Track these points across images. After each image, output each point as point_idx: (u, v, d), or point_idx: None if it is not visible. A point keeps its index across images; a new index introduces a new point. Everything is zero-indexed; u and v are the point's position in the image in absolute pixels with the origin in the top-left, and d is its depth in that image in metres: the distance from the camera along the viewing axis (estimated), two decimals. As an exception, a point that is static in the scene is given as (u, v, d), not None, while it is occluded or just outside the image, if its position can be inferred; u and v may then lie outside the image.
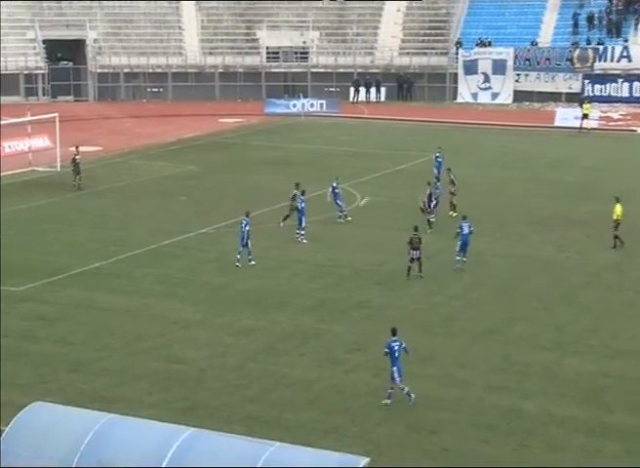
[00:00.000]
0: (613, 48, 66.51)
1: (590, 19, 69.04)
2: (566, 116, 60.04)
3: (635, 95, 65.59)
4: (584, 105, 59.28)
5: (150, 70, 70.63)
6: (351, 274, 29.44)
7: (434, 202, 34.43)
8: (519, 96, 68.38)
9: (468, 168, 44.39)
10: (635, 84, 65.52)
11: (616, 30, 68.12)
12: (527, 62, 68.17)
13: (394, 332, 20.50)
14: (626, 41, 67.27)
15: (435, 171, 40.63)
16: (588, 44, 67.25)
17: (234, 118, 62.45)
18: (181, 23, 74.42)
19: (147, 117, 61.76)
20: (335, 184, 35.54)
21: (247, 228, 30.02)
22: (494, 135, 57.18)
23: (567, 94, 66.74)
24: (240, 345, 23.66)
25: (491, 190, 41.22)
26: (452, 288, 28.16)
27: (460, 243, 29.73)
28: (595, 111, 60.80)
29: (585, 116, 58.52)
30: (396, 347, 20.22)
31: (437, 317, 25.64)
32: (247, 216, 30.39)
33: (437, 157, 41.60)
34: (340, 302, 26.75)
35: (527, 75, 68.30)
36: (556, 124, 59.62)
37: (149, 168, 45.89)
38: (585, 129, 57.42)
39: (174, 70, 71.09)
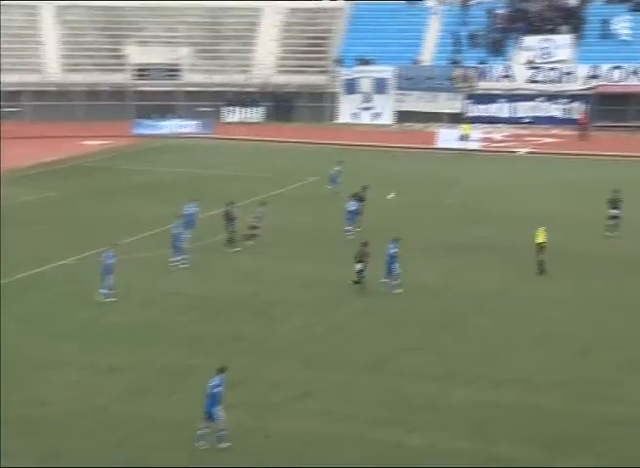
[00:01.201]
0: (495, 67, 68.59)
1: (472, 37, 71.06)
2: (448, 137, 61.49)
3: (517, 115, 67.74)
4: (463, 126, 60.90)
5: (5, 88, 69.01)
6: (227, 305, 29.28)
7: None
8: (401, 116, 69.74)
9: (350, 193, 44.74)
10: (517, 104, 67.68)
11: (497, 49, 70.30)
12: (409, 81, 69.62)
13: (222, 370, 20.32)
14: (508, 60, 69.49)
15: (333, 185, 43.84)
16: (478, 62, 69.04)
17: (99, 140, 61.58)
18: (40, 37, 73.09)
19: (2, 139, 60.28)
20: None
21: (111, 261, 29.46)
22: (375, 156, 58.04)
23: (449, 114, 68.40)
24: (106, 385, 23.18)
25: (372, 215, 41.70)
26: (334, 317, 28.29)
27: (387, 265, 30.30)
28: (477, 132, 62.48)
29: (465, 137, 60.08)
30: (217, 387, 19.90)
31: (319, 349, 25.68)
32: (111, 248, 29.90)
33: (334, 172, 44.60)
34: (215, 336, 26.54)
35: (409, 94, 69.72)
36: (439, 145, 61.00)
37: (3, 195, 44.69)
38: (465, 150, 58.90)
39: (31, 88, 69.64)
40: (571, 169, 53.98)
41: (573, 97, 66.69)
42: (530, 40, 69.55)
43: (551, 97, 67.08)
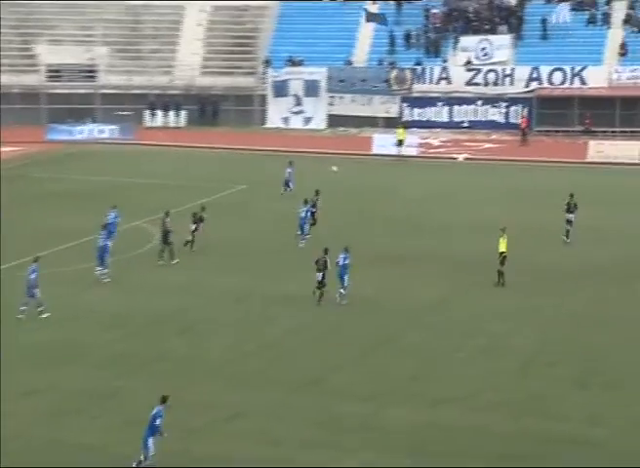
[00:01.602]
0: (431, 68, 69.64)
1: (408, 37, 72.06)
2: (384, 143, 62.22)
3: (455, 119, 68.80)
4: (398, 131, 61.71)
5: None
6: (152, 322, 29.40)
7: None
8: (334, 120, 70.37)
9: (282, 200, 45.32)
10: (455, 108, 68.77)
11: (434, 50, 71.39)
12: (341, 84, 70.31)
13: (164, 400, 20.53)
14: (445, 61, 70.59)
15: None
16: (414, 63, 69.94)
17: (10, 146, 61.02)
18: (-56, 36, 72.29)
19: None
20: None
21: (33, 275, 29.48)
22: (308, 163, 58.48)
23: (385, 118, 69.22)
24: (22, 409, 23.18)
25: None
26: (265, 335, 28.60)
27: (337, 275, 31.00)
28: (414, 137, 63.37)
29: (400, 142, 60.90)
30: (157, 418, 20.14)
31: (249, 368, 25.96)
32: (35, 262, 29.95)
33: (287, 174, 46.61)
34: (139, 355, 26.66)
35: (342, 97, 70.42)
36: (374, 151, 61.71)
37: None
38: (402, 156, 59.69)
39: None
40: (512, 175, 55.03)
41: (513, 101, 67.95)
42: (467, 40, 70.71)
43: (490, 101, 68.26)
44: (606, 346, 27.76)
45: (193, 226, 37.43)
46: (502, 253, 33.24)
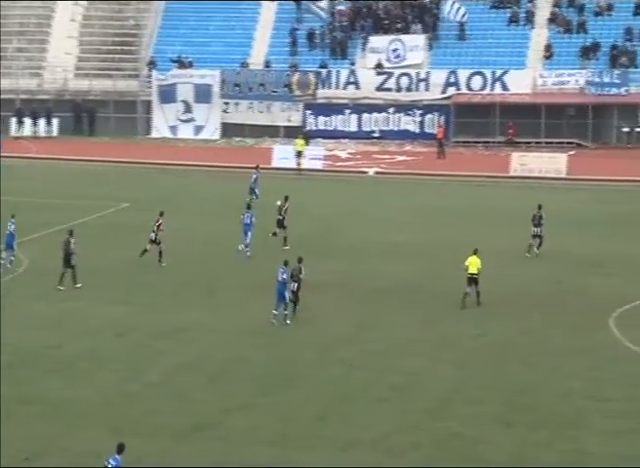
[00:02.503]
0: (338, 72, 70.17)
1: (311, 36, 72.49)
2: (285, 155, 62.43)
3: (365, 129, 69.35)
4: (297, 141, 61.95)
5: None
6: (20, 361, 28.89)
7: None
8: (228, 129, 70.41)
9: (175, 220, 44.97)
10: (365, 116, 69.34)
11: (340, 51, 71.94)
12: (237, 88, 70.38)
13: (120, 450, 20.24)
14: (353, 64, 71.21)
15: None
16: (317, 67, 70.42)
17: None
18: None
19: None
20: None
21: None
22: (201, 178, 58.31)
23: (286, 127, 69.46)
24: None
25: (201, 248, 41.93)
26: (150, 372, 28.32)
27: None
28: (319, 149, 63.69)
29: (299, 154, 61.12)
30: None
31: (132, 412, 25.65)
32: None
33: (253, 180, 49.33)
34: (4, 399, 26.15)
35: (237, 104, 70.52)
36: (274, 165, 61.81)
37: None
38: (304, 170, 59.89)
39: None
40: (427, 192, 55.65)
41: (428, 109, 68.81)
42: (377, 41, 71.48)
43: (404, 109, 69.00)
44: (531, 380, 28.13)
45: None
46: (473, 274, 33.97)
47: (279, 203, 42.60)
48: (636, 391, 27.47)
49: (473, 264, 34.27)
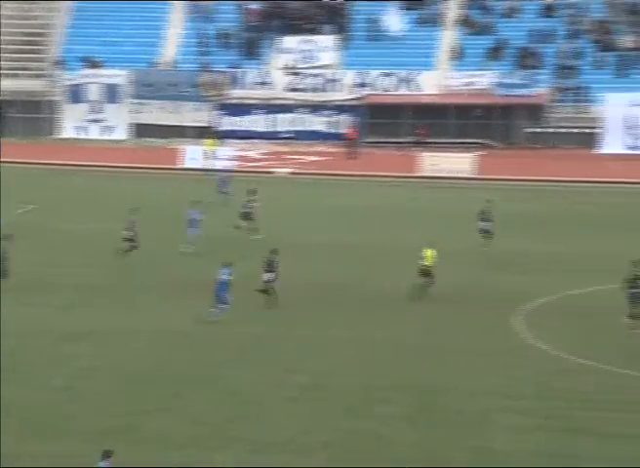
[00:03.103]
0: (249, 72, 70.15)
1: (221, 36, 72.39)
2: (196, 155, 62.31)
3: (276, 129, 69.49)
4: (206, 141, 61.87)
5: None
6: None
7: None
8: (139, 130, 70.05)
9: (79, 222, 44.79)
10: (276, 116, 69.43)
11: (251, 51, 71.96)
12: (147, 88, 70.02)
13: (108, 454, 20.17)
14: (264, 64, 71.26)
15: None
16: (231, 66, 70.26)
17: None
18: None
19: None
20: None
21: None
22: (110, 179, 57.89)
23: (196, 128, 69.27)
24: None
25: (100, 248, 41.50)
26: (59, 377, 28.10)
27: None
28: (230, 150, 63.61)
29: (209, 155, 61.00)
30: None
31: (39, 417, 25.38)
32: None
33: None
34: None
35: (147, 104, 70.12)
36: (185, 165, 61.64)
37: None
38: (216, 171, 59.79)
39: None
40: (339, 192, 55.90)
41: (339, 109, 69.14)
42: (288, 41, 71.65)
43: (314, 109, 69.27)
44: (440, 379, 28.51)
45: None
46: (424, 267, 35.05)
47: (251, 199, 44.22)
48: (542, 388, 28.01)
49: (428, 257, 35.09)
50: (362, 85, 69.50)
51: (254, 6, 74.49)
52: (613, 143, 65.54)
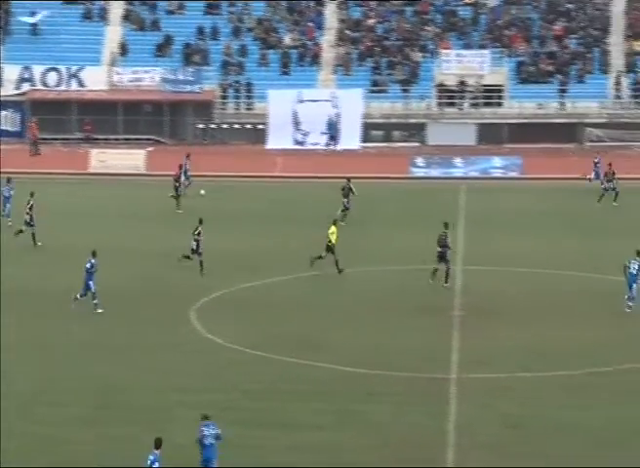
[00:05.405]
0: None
1: None
2: None
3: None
4: None
5: None
6: None
7: None
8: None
9: None
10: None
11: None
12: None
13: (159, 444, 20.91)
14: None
15: None
16: None
17: None
18: None
19: None
20: None
21: None
22: None
23: None
24: None
25: None
26: None
27: None
28: None
29: None
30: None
31: None
32: None
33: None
34: None
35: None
36: None
37: None
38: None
39: None
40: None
41: (3, 105, 67.30)
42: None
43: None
44: (120, 378, 28.51)
45: None
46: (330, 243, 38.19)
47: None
48: (215, 381, 28.52)
49: (331, 233, 38.13)
50: (26, 80, 67.96)
51: None
52: (281, 139, 66.90)
